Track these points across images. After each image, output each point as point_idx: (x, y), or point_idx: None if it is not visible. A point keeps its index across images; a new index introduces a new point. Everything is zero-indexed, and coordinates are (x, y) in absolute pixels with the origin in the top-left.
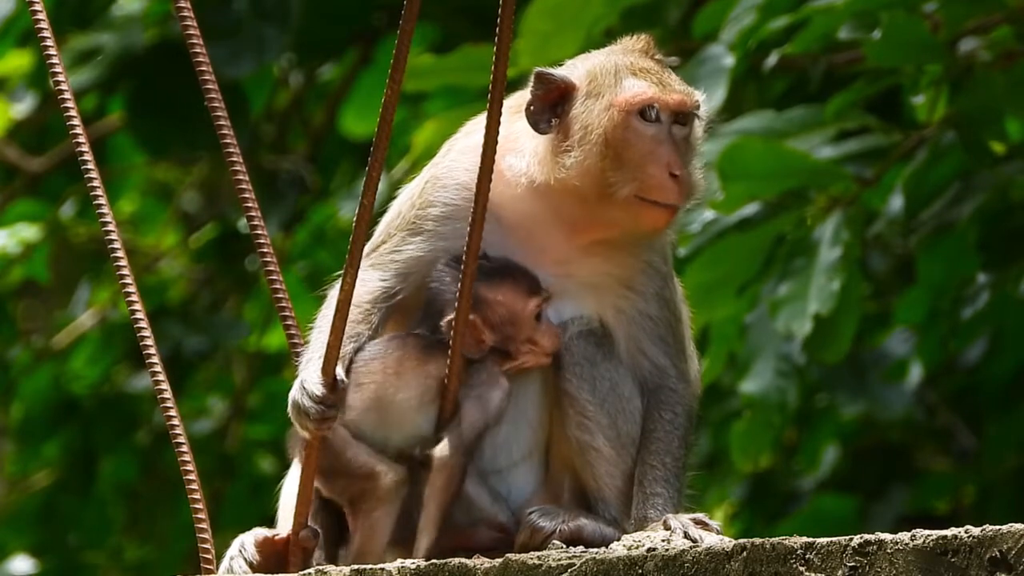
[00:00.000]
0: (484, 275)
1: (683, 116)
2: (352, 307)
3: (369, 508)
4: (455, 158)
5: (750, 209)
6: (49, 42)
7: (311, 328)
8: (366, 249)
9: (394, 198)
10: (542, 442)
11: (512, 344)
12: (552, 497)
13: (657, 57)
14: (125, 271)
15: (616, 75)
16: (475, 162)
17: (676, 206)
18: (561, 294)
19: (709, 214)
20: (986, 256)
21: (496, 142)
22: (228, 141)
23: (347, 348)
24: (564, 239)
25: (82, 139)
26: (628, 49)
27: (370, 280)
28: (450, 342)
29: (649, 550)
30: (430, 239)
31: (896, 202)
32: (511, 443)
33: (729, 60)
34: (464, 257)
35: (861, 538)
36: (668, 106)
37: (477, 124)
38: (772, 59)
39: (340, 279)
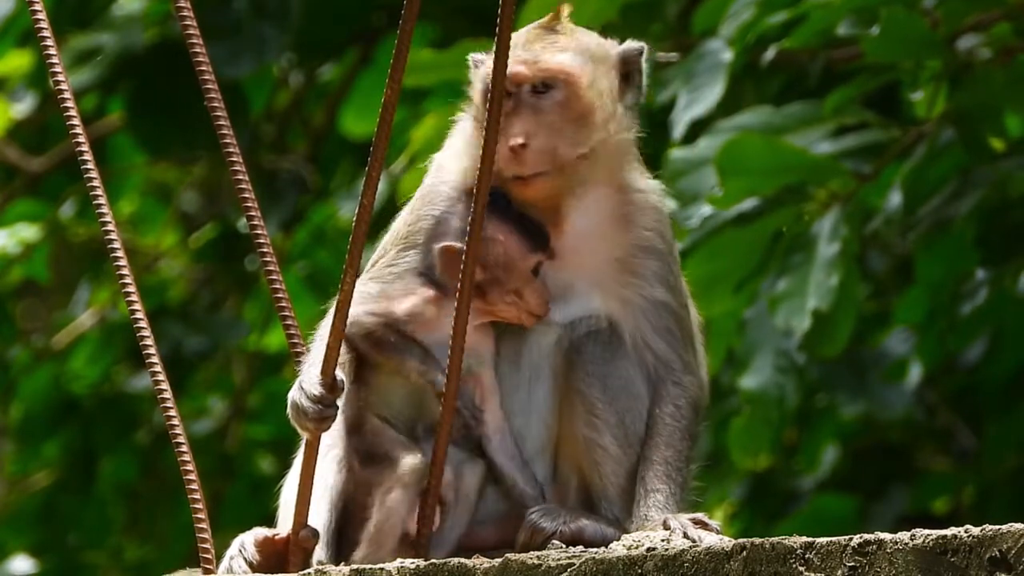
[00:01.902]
0: (499, 212)
1: (542, 84)
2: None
3: (386, 491)
4: (437, 173)
5: (748, 204)
6: (49, 42)
7: (312, 336)
8: (365, 265)
9: (394, 204)
10: (552, 440)
11: (497, 289)
12: (559, 495)
13: (557, 27)
14: (125, 271)
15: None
16: (458, 173)
17: (521, 176)
18: (567, 293)
19: (707, 209)
20: (985, 252)
21: (496, 141)
22: (228, 141)
23: (348, 355)
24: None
25: (82, 139)
26: (539, 21)
27: (371, 292)
28: (438, 272)
29: (649, 550)
30: (424, 252)
31: (895, 198)
32: (524, 438)
33: (728, 55)
34: (464, 257)
35: (861, 538)
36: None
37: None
38: (770, 53)
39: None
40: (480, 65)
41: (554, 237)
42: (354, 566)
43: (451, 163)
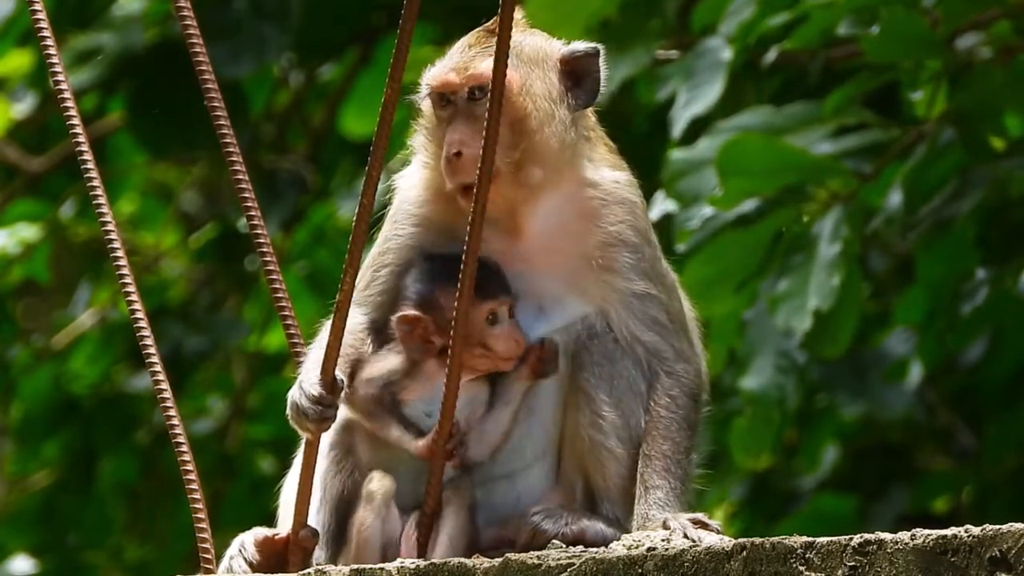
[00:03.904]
0: (437, 276)
1: (476, 91)
2: (347, 335)
3: (357, 512)
4: (400, 195)
5: (749, 205)
6: (49, 42)
7: (310, 343)
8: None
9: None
10: (555, 442)
11: (465, 348)
12: (564, 497)
13: (492, 28)
14: (125, 271)
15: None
16: (418, 190)
17: (464, 185)
18: (543, 296)
19: (708, 210)
20: (985, 252)
21: (496, 142)
22: (228, 141)
23: (345, 369)
24: (505, 237)
25: (82, 139)
26: (486, 24)
27: (357, 315)
28: (398, 337)
29: (649, 550)
30: (397, 272)
31: (895, 198)
32: (525, 446)
33: (727, 54)
34: (464, 257)
35: (861, 538)
36: (435, 88)
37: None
38: (771, 55)
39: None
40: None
41: (517, 242)
42: (354, 566)
43: (411, 180)
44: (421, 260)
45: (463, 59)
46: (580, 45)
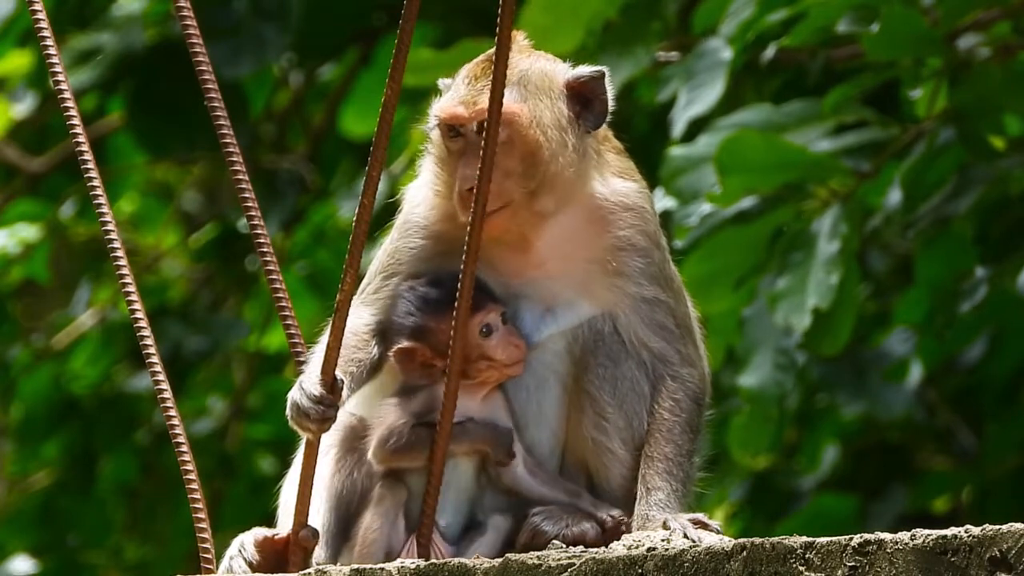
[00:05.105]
0: (424, 304)
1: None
2: (351, 335)
3: (366, 514)
4: (409, 207)
5: (748, 202)
6: (49, 42)
7: (310, 344)
8: (366, 264)
9: (395, 204)
10: (561, 443)
11: (467, 365)
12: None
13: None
14: (125, 271)
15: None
16: (428, 206)
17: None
18: (554, 301)
19: (707, 207)
20: (984, 250)
21: (496, 142)
22: (228, 141)
23: (348, 369)
24: (515, 247)
25: (82, 139)
26: (491, 51)
27: (363, 315)
28: (399, 370)
29: (649, 550)
30: (406, 280)
31: (894, 196)
32: (533, 448)
33: (727, 54)
34: (464, 257)
35: (861, 538)
36: (444, 121)
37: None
38: (770, 51)
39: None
40: (439, 97)
41: (528, 251)
42: (354, 566)
43: (421, 195)
44: (406, 291)
45: (470, 92)
46: (585, 69)
